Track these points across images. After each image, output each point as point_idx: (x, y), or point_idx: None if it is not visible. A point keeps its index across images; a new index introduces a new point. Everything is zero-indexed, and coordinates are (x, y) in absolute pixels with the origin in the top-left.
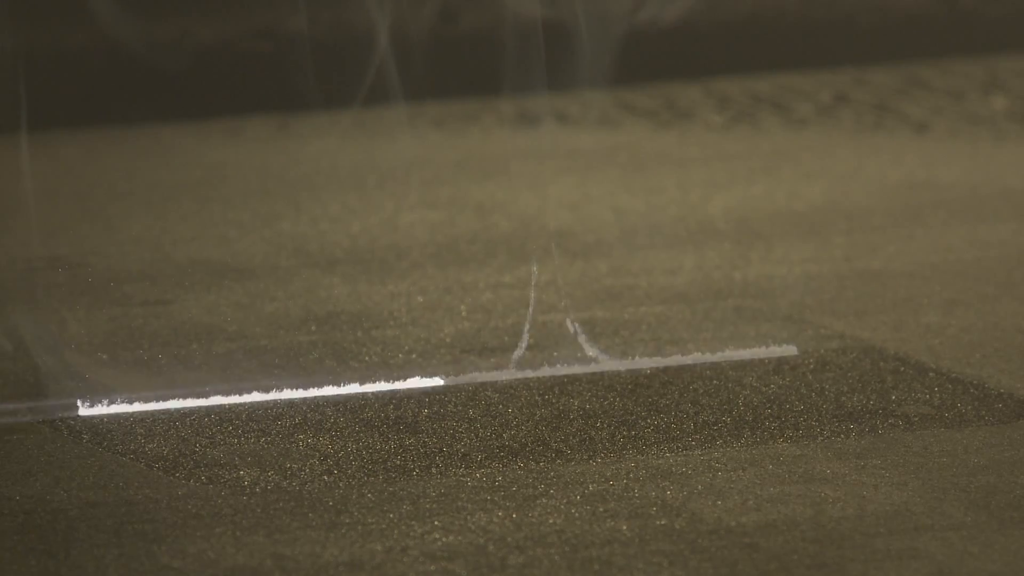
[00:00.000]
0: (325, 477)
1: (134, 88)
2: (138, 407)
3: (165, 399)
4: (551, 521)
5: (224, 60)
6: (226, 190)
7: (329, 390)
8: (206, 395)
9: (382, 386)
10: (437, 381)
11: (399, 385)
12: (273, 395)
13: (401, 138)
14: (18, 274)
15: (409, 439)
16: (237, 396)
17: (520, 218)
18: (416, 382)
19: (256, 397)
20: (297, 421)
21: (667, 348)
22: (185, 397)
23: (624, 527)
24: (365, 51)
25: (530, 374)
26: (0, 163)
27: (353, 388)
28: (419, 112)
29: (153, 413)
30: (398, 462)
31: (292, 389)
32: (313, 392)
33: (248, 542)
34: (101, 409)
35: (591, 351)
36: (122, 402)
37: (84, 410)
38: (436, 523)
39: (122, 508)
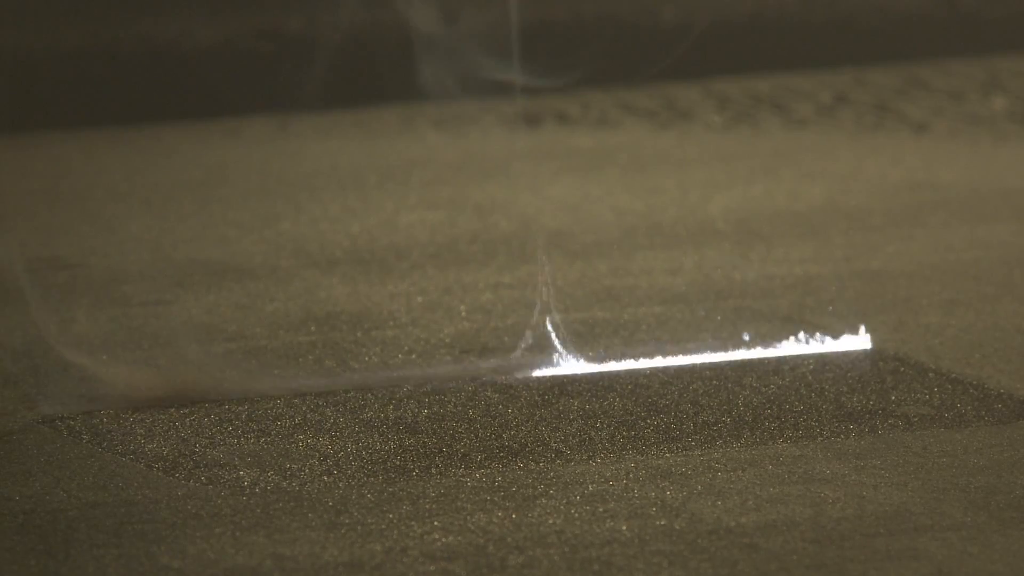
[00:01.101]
0: (325, 477)
1: (134, 88)
2: (138, 407)
3: (165, 399)
4: (551, 521)
5: (224, 60)
6: (226, 190)
7: (329, 390)
8: (206, 395)
9: (382, 386)
10: (437, 381)
11: (399, 385)
12: (273, 395)
13: (401, 138)
14: (18, 274)
15: (409, 439)
16: (237, 396)
17: (520, 218)
18: (416, 382)
19: (256, 397)
20: (297, 421)
21: (667, 348)
22: (185, 397)
23: (624, 527)
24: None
25: (530, 374)
26: (0, 163)
27: (353, 388)
28: (419, 112)
29: (153, 413)
30: (398, 462)
31: (292, 389)
32: (313, 392)
33: (248, 542)
34: (101, 409)
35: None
36: (122, 402)
37: (84, 410)
38: (436, 523)
39: (122, 508)
